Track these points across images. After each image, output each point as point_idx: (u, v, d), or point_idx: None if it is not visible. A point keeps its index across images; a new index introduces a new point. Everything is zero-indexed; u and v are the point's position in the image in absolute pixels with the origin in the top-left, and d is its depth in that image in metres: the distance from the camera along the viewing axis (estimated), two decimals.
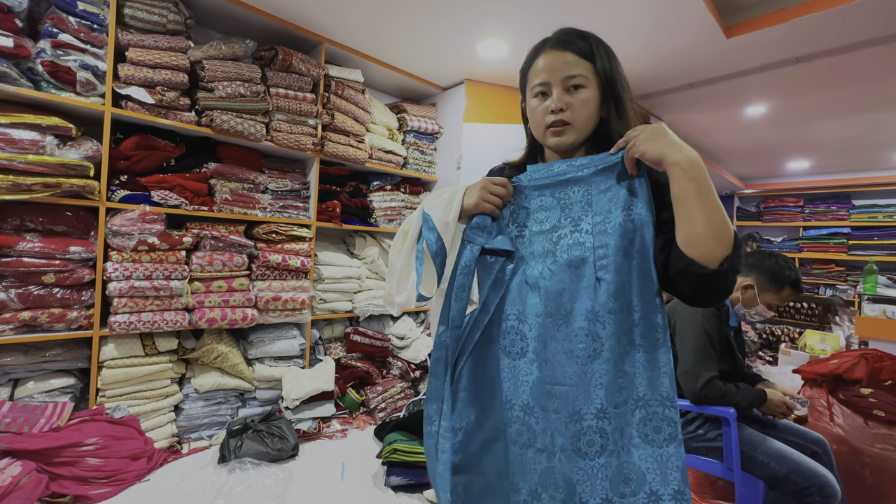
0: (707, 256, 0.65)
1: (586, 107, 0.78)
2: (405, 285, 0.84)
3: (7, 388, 1.66)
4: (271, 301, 2.21)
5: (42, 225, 1.68)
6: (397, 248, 0.88)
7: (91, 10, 1.74)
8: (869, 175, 5.10)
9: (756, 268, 1.61)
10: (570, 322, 0.74)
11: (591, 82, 0.78)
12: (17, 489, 1.38)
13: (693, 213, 0.65)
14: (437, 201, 0.84)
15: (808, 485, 1.30)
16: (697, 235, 0.66)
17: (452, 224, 0.81)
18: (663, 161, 0.67)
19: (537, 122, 0.82)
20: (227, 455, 1.82)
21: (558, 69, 0.78)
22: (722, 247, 0.65)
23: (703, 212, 0.65)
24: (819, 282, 5.31)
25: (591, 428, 0.71)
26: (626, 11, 2.03)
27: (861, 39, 2.19)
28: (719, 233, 0.65)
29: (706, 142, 4.31)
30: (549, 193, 0.80)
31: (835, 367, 1.80)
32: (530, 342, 0.77)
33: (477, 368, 0.80)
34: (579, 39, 0.79)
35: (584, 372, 0.72)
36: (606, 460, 0.71)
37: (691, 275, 0.67)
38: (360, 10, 2.14)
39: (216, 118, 2.02)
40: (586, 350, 0.72)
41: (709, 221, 0.65)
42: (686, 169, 0.65)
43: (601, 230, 0.74)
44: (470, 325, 0.79)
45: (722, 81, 2.76)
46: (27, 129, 1.59)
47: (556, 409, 0.74)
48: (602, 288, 0.72)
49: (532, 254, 0.80)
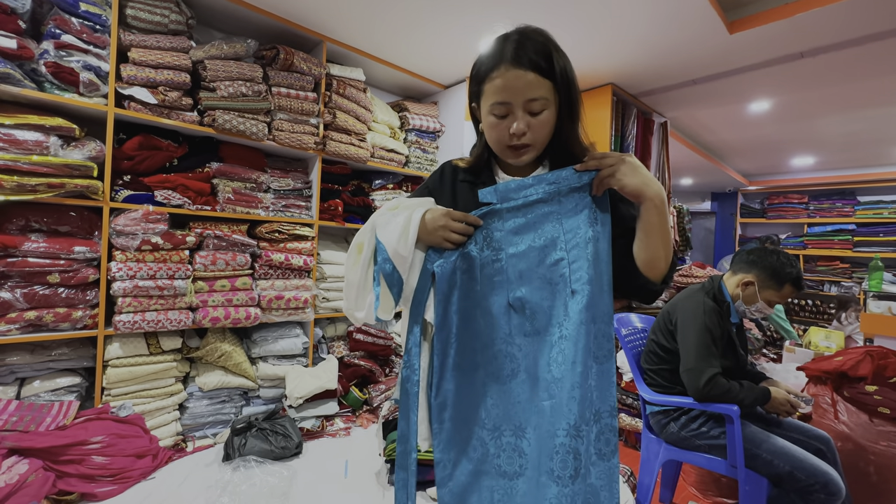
0: (658, 275, 0.78)
1: (546, 126, 0.79)
2: (363, 303, 0.82)
3: (13, 387, 1.67)
4: (274, 300, 2.22)
5: (47, 225, 1.69)
6: (352, 262, 0.85)
7: (93, 10, 1.75)
8: (874, 171, 5.06)
9: (757, 264, 1.60)
10: (552, 337, 0.76)
11: (551, 103, 0.76)
12: (25, 487, 1.40)
13: (656, 242, 0.75)
14: (390, 226, 0.80)
15: (813, 482, 1.30)
16: (656, 260, 0.76)
17: (409, 257, 0.79)
18: (640, 196, 0.73)
19: (497, 139, 0.81)
20: (231, 453, 1.83)
21: (520, 91, 0.74)
22: (668, 266, 0.78)
23: (662, 242, 0.75)
24: (824, 279, 5.28)
25: (563, 446, 0.70)
26: (628, 7, 2.01)
27: (866, 34, 2.17)
28: (668, 256, 0.77)
29: (709, 138, 4.28)
30: (521, 214, 0.80)
31: (839, 364, 1.79)
32: (521, 362, 0.77)
33: (461, 398, 0.79)
34: (540, 57, 0.74)
35: (560, 388, 0.72)
36: (579, 487, 0.70)
37: (642, 289, 0.79)
38: (362, 8, 2.14)
39: (218, 118, 2.03)
40: (564, 362, 0.73)
41: (664, 248, 0.76)
42: (657, 205, 0.73)
43: (574, 245, 0.77)
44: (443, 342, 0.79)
45: (725, 77, 2.74)
46: (31, 129, 1.60)
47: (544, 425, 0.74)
48: (576, 300, 0.74)
49: (511, 275, 0.79)
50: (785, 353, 2.87)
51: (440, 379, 0.79)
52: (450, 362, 0.79)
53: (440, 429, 0.79)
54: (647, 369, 1.69)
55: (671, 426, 1.58)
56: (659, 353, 1.64)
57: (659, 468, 1.64)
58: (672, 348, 1.59)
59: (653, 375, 1.66)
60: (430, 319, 0.80)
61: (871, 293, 2.45)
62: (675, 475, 1.85)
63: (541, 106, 0.75)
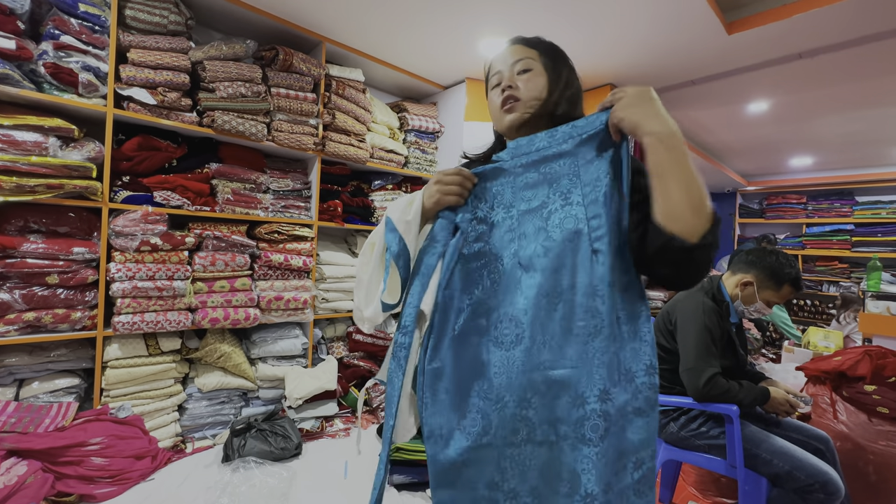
0: (688, 230, 0.63)
1: (532, 83, 0.83)
2: (373, 297, 0.81)
3: (12, 389, 1.67)
4: (274, 301, 2.22)
5: (45, 226, 1.69)
6: (364, 260, 0.85)
7: (92, 11, 1.75)
8: (872, 171, 5.07)
9: (756, 264, 1.60)
10: (569, 299, 0.70)
11: (536, 65, 0.84)
12: (24, 488, 1.40)
13: (671, 185, 0.63)
14: (397, 204, 0.83)
15: (812, 482, 1.30)
16: (676, 208, 0.64)
17: (414, 223, 0.78)
18: (638, 130, 0.64)
19: (495, 109, 0.88)
20: (230, 454, 1.83)
21: (507, 58, 0.86)
22: (701, 220, 0.63)
23: (681, 184, 0.63)
24: (822, 279, 5.29)
25: (594, 412, 0.67)
26: (627, 8, 2.02)
27: (864, 34, 2.17)
28: (697, 206, 0.63)
29: (708, 139, 4.29)
30: (533, 170, 0.77)
31: (838, 364, 1.79)
32: (526, 328, 0.72)
33: (461, 365, 0.75)
34: (528, 37, 0.88)
35: (585, 351, 0.69)
36: (608, 443, 0.68)
37: (673, 251, 0.65)
38: (361, 9, 2.14)
39: (217, 118, 2.03)
40: (587, 328, 0.69)
41: (687, 194, 0.63)
42: (662, 139, 0.63)
43: (592, 200, 0.71)
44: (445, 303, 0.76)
45: (724, 78, 2.74)
46: (30, 130, 1.60)
47: (557, 394, 0.70)
48: (599, 260, 0.69)
49: (524, 234, 0.75)
50: (784, 352, 2.88)
51: (437, 343, 0.76)
52: (449, 327, 0.76)
53: (433, 399, 0.75)
54: None
55: (671, 426, 1.58)
56: (658, 353, 1.64)
57: (658, 468, 1.64)
58: (671, 348, 1.59)
59: None
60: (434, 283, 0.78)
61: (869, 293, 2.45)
62: (674, 475, 1.86)
63: (524, 65, 0.84)
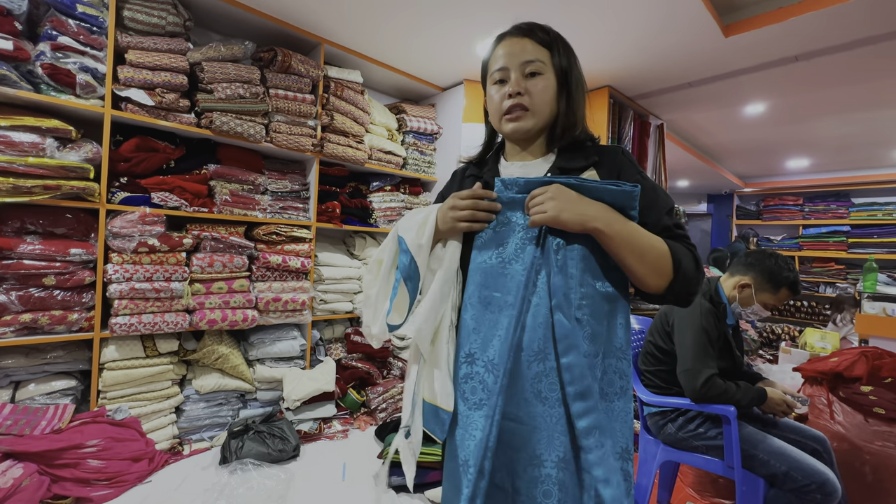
0: (656, 288, 0.72)
1: (545, 93, 0.77)
2: (381, 314, 0.81)
3: (8, 391, 1.66)
4: (272, 302, 2.22)
5: (42, 227, 1.68)
6: (372, 276, 0.85)
7: (90, 12, 1.74)
8: (868, 173, 5.11)
9: (754, 267, 1.61)
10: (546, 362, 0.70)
11: (548, 69, 0.77)
12: (19, 491, 1.39)
13: (632, 263, 0.70)
14: (410, 223, 0.82)
15: (809, 482, 1.31)
16: (639, 278, 0.71)
17: (426, 246, 0.78)
18: (585, 230, 0.69)
19: (495, 109, 0.81)
20: (228, 456, 1.82)
21: (516, 54, 0.77)
22: (663, 278, 0.71)
23: (636, 259, 0.69)
24: (819, 280, 5.31)
25: (549, 477, 0.68)
26: (624, 11, 2.03)
27: (859, 37, 2.19)
28: (655, 270, 0.70)
29: (705, 140, 4.31)
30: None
31: (835, 364, 1.80)
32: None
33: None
34: (539, 30, 0.79)
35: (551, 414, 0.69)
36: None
37: (652, 297, 0.75)
38: (359, 11, 2.15)
39: (216, 120, 2.03)
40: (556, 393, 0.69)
41: (644, 264, 0.69)
42: (606, 232, 0.68)
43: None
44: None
45: (721, 80, 2.76)
46: (27, 131, 1.59)
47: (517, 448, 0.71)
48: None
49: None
50: (781, 353, 2.89)
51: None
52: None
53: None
54: (644, 370, 1.70)
55: (668, 427, 1.59)
56: (656, 355, 1.64)
57: (656, 469, 1.64)
58: (669, 350, 1.59)
59: (650, 377, 1.66)
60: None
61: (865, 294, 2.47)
62: (672, 476, 1.86)
63: (536, 68, 0.76)
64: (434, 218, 0.80)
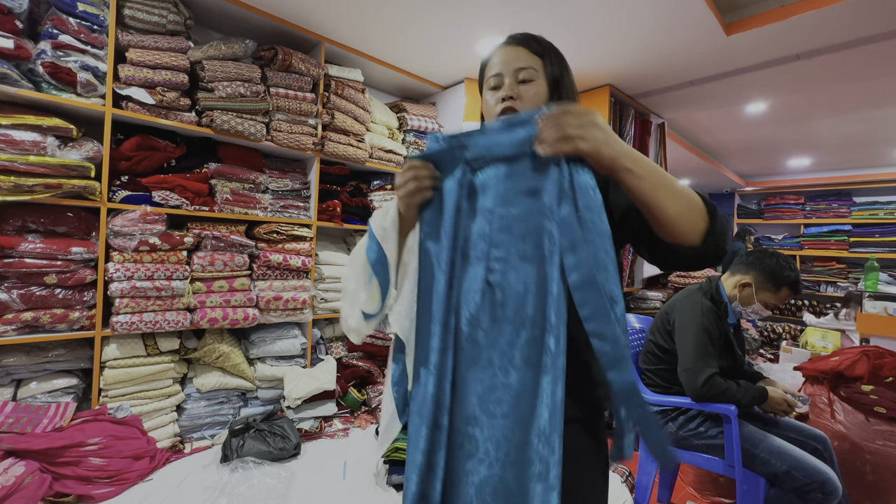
0: (693, 235, 0.63)
1: (536, 99, 0.79)
2: (355, 308, 0.82)
3: (10, 389, 1.66)
4: (272, 301, 2.22)
5: (44, 226, 1.68)
6: (348, 270, 0.86)
7: (91, 11, 1.74)
8: (870, 172, 5.10)
9: (756, 266, 1.61)
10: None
11: (539, 76, 0.80)
12: (21, 489, 1.39)
13: (661, 207, 0.62)
14: (379, 210, 0.84)
15: (810, 481, 1.31)
16: (675, 224, 0.63)
17: (392, 231, 0.79)
18: (615, 165, 0.61)
19: (489, 113, 0.83)
20: (229, 454, 1.82)
21: (510, 61, 0.80)
22: (701, 221, 0.63)
23: (669, 201, 0.62)
24: (820, 279, 5.31)
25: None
26: (625, 9, 2.02)
27: (862, 36, 2.18)
28: (692, 211, 0.63)
29: (707, 139, 4.30)
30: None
31: (836, 364, 1.80)
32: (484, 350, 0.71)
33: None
34: (532, 40, 0.82)
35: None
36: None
37: (683, 257, 0.66)
38: (360, 9, 2.14)
39: (216, 118, 2.02)
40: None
41: (678, 206, 0.62)
42: (636, 171, 0.61)
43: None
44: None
45: (722, 79, 2.75)
46: (28, 130, 1.59)
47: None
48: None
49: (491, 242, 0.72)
50: (782, 353, 2.89)
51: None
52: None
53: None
54: (644, 369, 1.70)
55: (669, 426, 1.59)
56: (657, 354, 1.64)
57: (657, 468, 1.64)
58: (670, 349, 1.59)
59: (651, 376, 1.66)
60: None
61: (867, 293, 2.46)
62: (673, 475, 1.86)
63: (528, 75, 0.79)
64: (395, 202, 0.81)
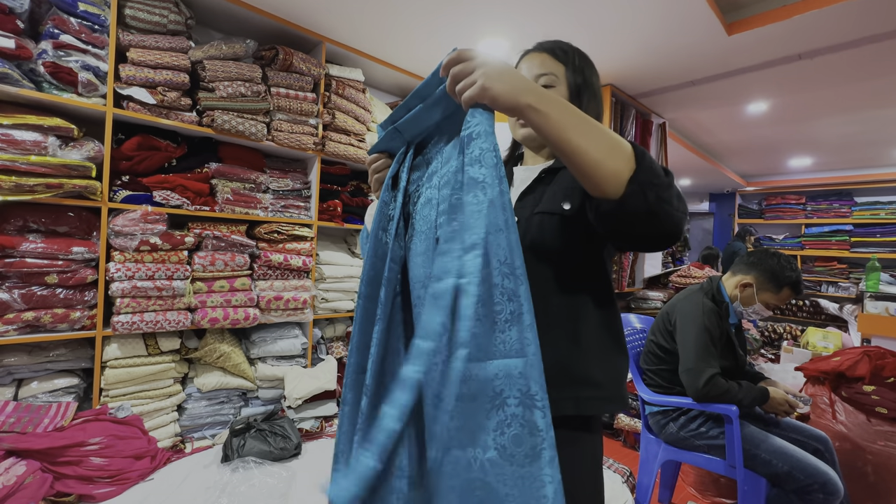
0: (615, 179, 0.54)
1: None
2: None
3: (11, 389, 1.67)
4: (273, 300, 2.22)
5: (45, 226, 1.69)
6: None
7: (92, 10, 1.74)
8: (871, 172, 5.09)
9: (757, 266, 1.60)
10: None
11: (560, 83, 0.80)
12: (22, 488, 1.39)
13: (572, 146, 0.54)
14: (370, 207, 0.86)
15: (811, 482, 1.30)
16: (591, 165, 0.54)
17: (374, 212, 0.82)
18: (517, 110, 0.55)
19: (508, 119, 0.85)
20: (230, 454, 1.82)
21: (532, 67, 0.81)
22: (624, 161, 0.54)
23: (580, 139, 0.54)
24: (821, 279, 5.30)
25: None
26: (627, 9, 2.02)
27: (863, 36, 2.18)
28: (610, 150, 0.54)
29: (708, 139, 4.30)
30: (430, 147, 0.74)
31: (837, 364, 1.79)
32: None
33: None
34: (558, 48, 0.82)
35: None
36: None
37: (607, 215, 0.57)
38: (361, 9, 2.14)
39: (217, 118, 2.03)
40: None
41: (592, 143, 0.54)
42: (536, 108, 0.54)
43: (446, 181, 0.61)
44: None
45: (724, 78, 2.75)
46: (29, 130, 1.59)
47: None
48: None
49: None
50: (783, 353, 2.88)
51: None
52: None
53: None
54: (645, 370, 1.70)
55: (670, 426, 1.58)
56: (658, 354, 1.64)
57: (658, 468, 1.64)
58: (671, 349, 1.59)
59: (652, 376, 1.66)
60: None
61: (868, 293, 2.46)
62: (674, 475, 1.86)
63: (548, 81, 0.79)
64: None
